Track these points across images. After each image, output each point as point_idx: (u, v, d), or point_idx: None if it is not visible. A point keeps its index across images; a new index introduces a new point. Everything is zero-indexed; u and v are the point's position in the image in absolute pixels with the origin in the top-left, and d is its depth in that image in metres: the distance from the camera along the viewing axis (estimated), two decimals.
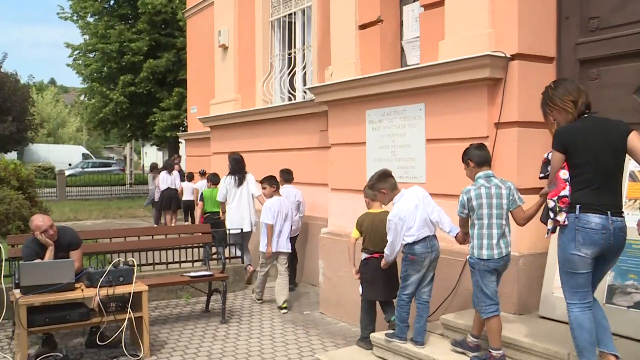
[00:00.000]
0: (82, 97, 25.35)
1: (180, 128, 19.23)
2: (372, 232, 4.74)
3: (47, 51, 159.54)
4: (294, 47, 8.52)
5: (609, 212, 3.22)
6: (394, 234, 4.32)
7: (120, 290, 4.91)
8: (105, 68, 20.48)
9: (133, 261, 5.30)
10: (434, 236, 4.33)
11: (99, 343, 5.02)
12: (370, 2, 5.96)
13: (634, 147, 3.21)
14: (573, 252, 3.26)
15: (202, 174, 11.81)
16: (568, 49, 4.53)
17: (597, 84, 4.31)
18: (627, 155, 3.28)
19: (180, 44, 18.66)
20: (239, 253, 7.76)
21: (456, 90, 4.83)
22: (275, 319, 6.21)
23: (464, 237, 4.15)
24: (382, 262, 4.58)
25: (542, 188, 3.63)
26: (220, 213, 8.11)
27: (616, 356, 3.27)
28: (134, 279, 5.02)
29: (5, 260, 5.90)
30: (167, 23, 20.26)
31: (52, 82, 68.01)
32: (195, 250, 7.44)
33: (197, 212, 9.17)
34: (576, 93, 3.36)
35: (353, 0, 6.09)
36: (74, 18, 21.64)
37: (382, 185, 4.48)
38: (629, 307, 3.84)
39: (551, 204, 3.36)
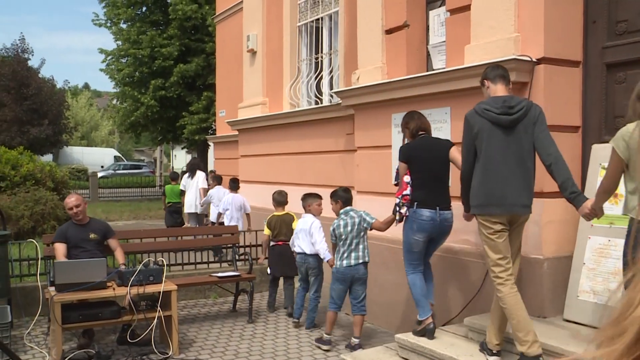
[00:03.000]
0: (114, 101, 25.82)
1: (209, 131, 19.46)
2: (277, 227, 6.51)
3: (81, 57, 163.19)
4: (321, 52, 8.60)
5: (437, 207, 4.38)
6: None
7: (151, 289, 5.04)
8: (136, 73, 20.86)
9: (163, 261, 5.44)
10: (310, 255, 5.86)
11: (130, 340, 5.15)
12: (397, 8, 6.00)
13: (453, 157, 4.42)
14: (411, 236, 4.43)
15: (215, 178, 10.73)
16: (595, 53, 4.50)
17: (624, 88, 4.27)
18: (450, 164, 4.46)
19: (210, 49, 18.89)
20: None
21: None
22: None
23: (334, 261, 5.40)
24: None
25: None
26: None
27: (431, 303, 4.51)
28: (164, 279, 5.16)
29: (41, 258, 6.11)
30: (197, 29, 20.55)
31: (86, 86, 69.44)
32: (223, 251, 7.57)
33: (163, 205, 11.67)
34: (412, 122, 4.63)
35: (380, 6, 6.15)
36: (108, 24, 22.13)
37: (304, 202, 6.06)
38: None
39: (397, 200, 4.47)
